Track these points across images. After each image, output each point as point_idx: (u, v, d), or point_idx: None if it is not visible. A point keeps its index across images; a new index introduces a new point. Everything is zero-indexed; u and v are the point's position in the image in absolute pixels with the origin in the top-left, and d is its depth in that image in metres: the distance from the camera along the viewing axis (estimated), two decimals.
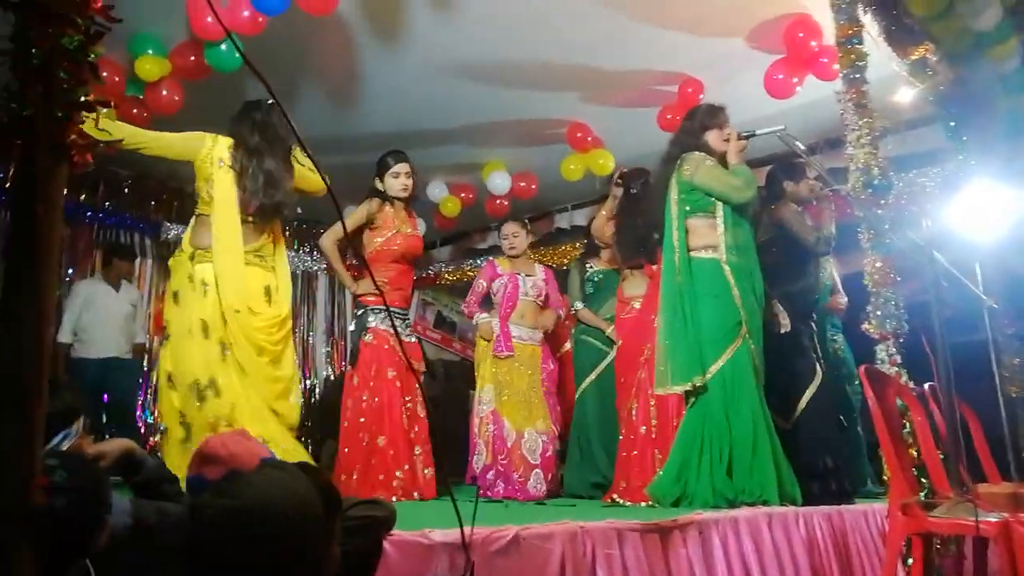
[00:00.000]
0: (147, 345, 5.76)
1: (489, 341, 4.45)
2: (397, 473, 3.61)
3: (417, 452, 3.74)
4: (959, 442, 2.30)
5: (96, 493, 1.35)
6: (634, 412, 3.98)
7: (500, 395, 4.31)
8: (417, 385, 3.79)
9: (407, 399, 3.79)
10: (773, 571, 2.38)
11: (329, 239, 4.07)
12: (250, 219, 3.14)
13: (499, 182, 5.66)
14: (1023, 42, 4.11)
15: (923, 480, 2.51)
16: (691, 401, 3.40)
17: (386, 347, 3.80)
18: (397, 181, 3.98)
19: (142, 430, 5.90)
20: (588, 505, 3.75)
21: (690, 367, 3.34)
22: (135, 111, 4.20)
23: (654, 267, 3.91)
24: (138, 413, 5.83)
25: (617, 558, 1.83)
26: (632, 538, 1.91)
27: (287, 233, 6.81)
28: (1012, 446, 3.73)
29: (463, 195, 6.04)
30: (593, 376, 4.47)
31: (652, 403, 3.86)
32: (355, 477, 3.59)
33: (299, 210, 6.17)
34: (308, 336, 7.13)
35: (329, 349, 7.26)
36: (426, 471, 3.72)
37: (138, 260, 5.98)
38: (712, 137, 3.59)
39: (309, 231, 7.15)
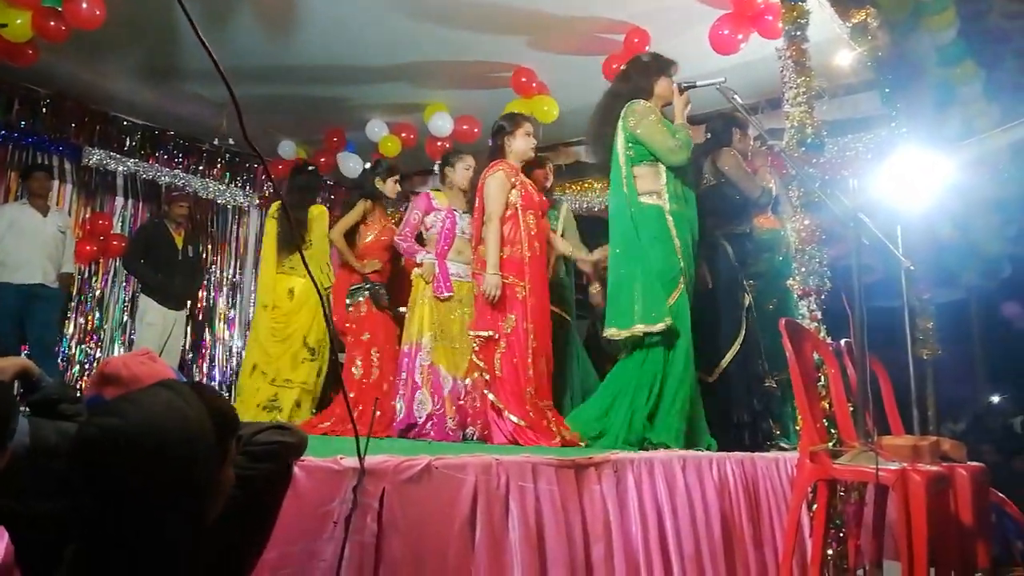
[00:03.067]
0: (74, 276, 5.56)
1: (429, 283, 4.26)
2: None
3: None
4: (868, 396, 2.38)
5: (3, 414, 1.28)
6: None
7: (435, 341, 4.17)
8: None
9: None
10: (684, 512, 2.44)
11: (337, 234, 4.79)
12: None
13: (441, 124, 5.53)
14: (960, 15, 4.21)
15: (832, 430, 2.61)
16: (631, 346, 3.40)
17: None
18: (395, 186, 4.94)
19: (62, 364, 5.71)
20: (514, 448, 3.77)
21: (654, 309, 3.30)
22: (52, 24, 3.94)
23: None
24: (57, 349, 5.61)
25: (531, 491, 1.85)
26: (547, 472, 1.93)
27: (219, 166, 6.71)
28: (917, 402, 3.92)
29: (403, 135, 5.89)
30: None
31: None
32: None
33: (230, 141, 6.01)
34: (236, 275, 6.93)
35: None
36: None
37: (57, 183, 5.70)
38: (663, 84, 3.57)
39: (242, 164, 6.93)
